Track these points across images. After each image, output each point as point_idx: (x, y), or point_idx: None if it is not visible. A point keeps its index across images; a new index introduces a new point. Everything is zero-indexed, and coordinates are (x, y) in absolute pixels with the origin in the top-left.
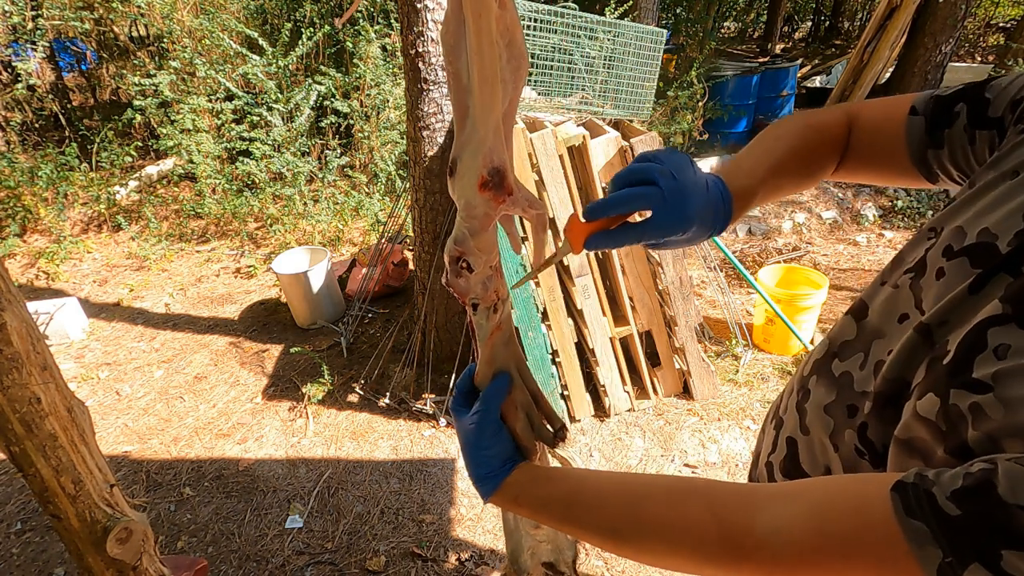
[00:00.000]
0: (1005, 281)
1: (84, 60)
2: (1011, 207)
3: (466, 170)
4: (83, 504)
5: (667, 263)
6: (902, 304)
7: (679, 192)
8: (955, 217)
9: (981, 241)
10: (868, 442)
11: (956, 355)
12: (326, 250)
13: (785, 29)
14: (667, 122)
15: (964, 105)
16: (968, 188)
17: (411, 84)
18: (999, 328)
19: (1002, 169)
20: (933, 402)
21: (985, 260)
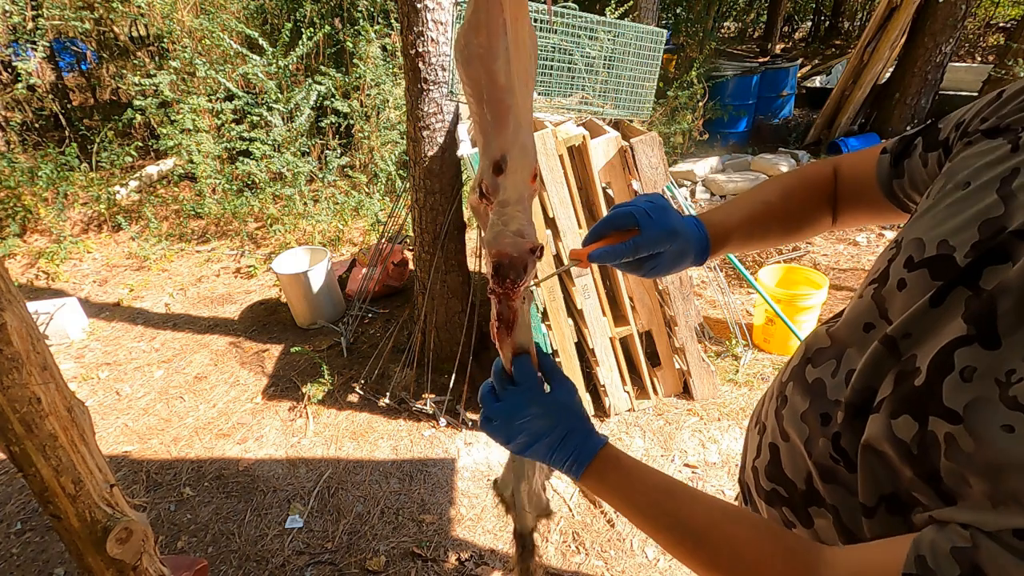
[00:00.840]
0: (964, 295)
1: (84, 60)
2: (965, 217)
3: (517, 167)
4: (83, 504)
5: None
6: (867, 314)
7: (659, 209)
8: (913, 228)
9: (940, 253)
10: (841, 450)
11: (928, 377)
12: (326, 250)
13: (785, 29)
14: (667, 122)
15: (920, 139)
16: (924, 199)
17: (411, 84)
18: (965, 349)
19: (955, 180)
20: (911, 425)
21: (944, 272)
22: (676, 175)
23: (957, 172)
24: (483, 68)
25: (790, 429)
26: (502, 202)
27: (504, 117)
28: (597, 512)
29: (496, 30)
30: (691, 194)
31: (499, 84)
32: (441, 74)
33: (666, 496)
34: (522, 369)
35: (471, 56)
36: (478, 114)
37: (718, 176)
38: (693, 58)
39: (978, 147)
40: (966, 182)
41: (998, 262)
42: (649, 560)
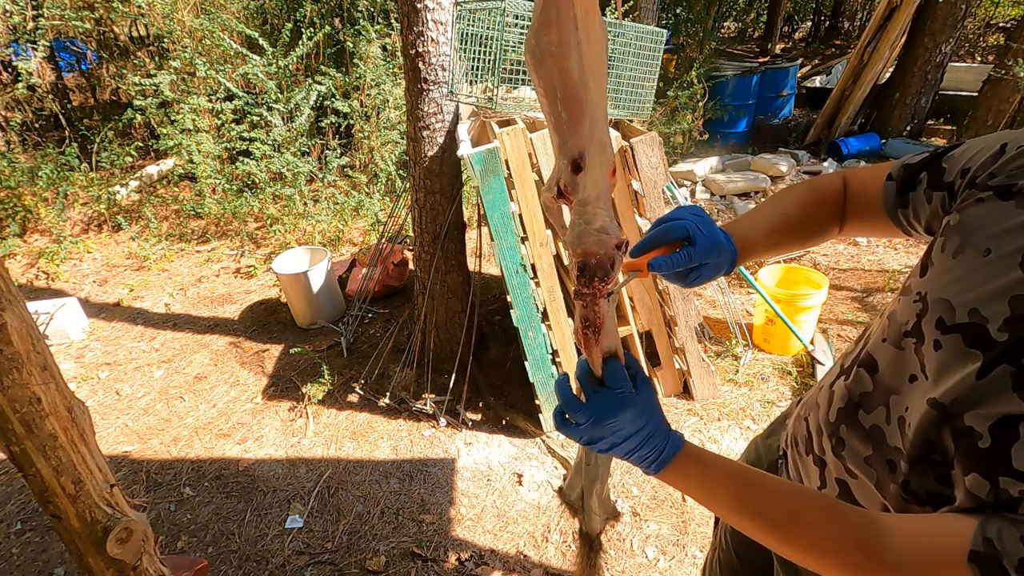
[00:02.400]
0: (1008, 371)
1: (84, 60)
2: (991, 289)
3: (595, 163)
4: (83, 504)
5: None
6: (909, 366)
7: (707, 224)
8: (937, 285)
9: (973, 322)
10: (912, 492)
11: (993, 442)
12: (326, 250)
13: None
14: (667, 122)
15: (926, 174)
16: (940, 251)
17: (411, 84)
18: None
19: (972, 242)
20: (981, 483)
21: (978, 341)
22: (676, 175)
23: (974, 231)
24: (556, 65)
25: (857, 470)
26: (582, 200)
27: (580, 114)
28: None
29: (567, 26)
30: (691, 194)
31: (573, 80)
32: (441, 74)
33: (744, 489)
34: (615, 373)
35: (543, 54)
36: (552, 113)
37: (718, 176)
38: (693, 58)
39: (991, 206)
40: (987, 249)
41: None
42: (649, 560)
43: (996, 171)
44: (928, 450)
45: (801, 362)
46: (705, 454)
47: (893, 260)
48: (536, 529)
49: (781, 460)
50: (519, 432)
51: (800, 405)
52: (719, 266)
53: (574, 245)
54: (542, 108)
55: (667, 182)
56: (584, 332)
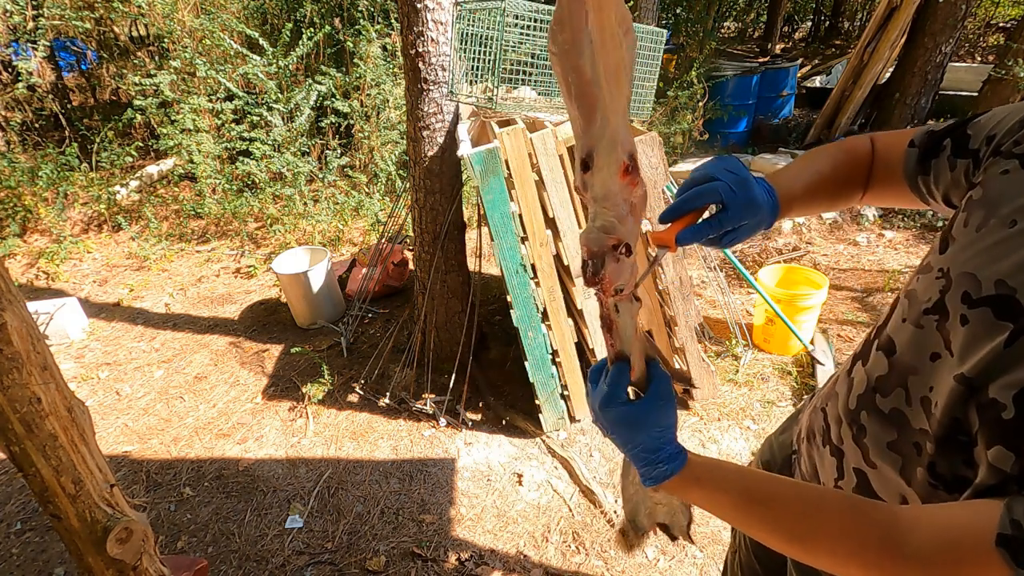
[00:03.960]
0: None
1: (84, 60)
2: (1019, 259)
3: (604, 162)
4: (83, 504)
5: (667, 263)
6: (932, 344)
7: (741, 183)
8: (961, 261)
9: (1000, 293)
10: (939, 476)
11: (1017, 412)
12: (326, 250)
13: (785, 29)
14: (667, 122)
15: (950, 140)
16: (963, 226)
17: (411, 84)
18: None
19: (998, 214)
20: (1006, 456)
21: (1008, 313)
22: (676, 175)
23: (998, 204)
24: (569, 64)
25: (879, 458)
26: (592, 199)
27: (592, 111)
28: (597, 512)
29: (579, 24)
30: None
31: (586, 79)
32: (441, 74)
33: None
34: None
35: (559, 53)
36: (570, 112)
37: None
38: (693, 58)
39: (1016, 177)
40: (1012, 220)
41: None
42: (649, 560)
43: (1021, 138)
44: (955, 429)
45: (801, 362)
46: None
47: (893, 260)
48: (536, 529)
49: (794, 455)
50: (519, 432)
51: (816, 397)
52: (757, 225)
53: (580, 241)
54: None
55: (667, 182)
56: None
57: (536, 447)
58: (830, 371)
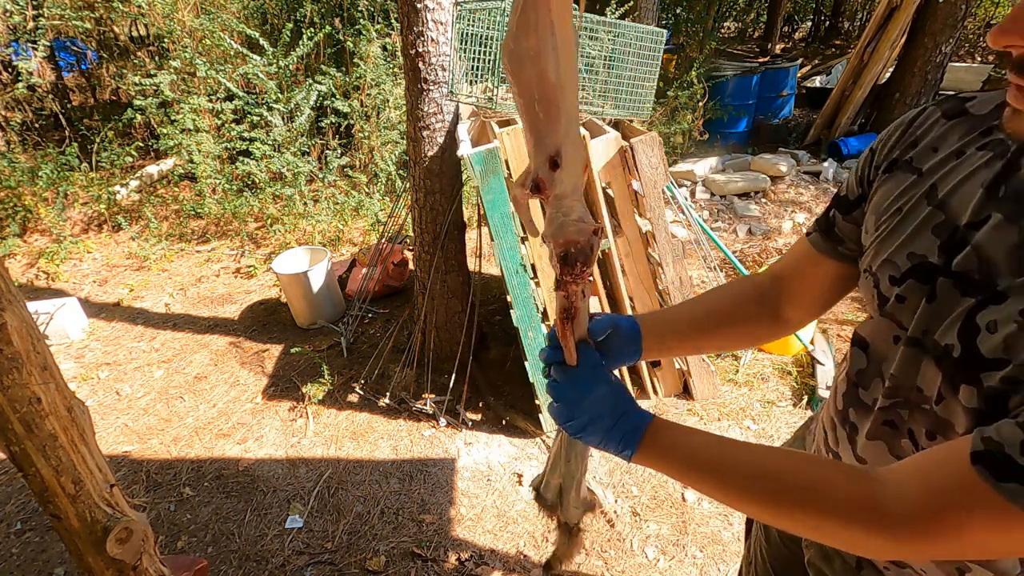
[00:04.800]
0: (947, 283)
1: (84, 60)
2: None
3: (571, 160)
4: (83, 504)
5: (667, 263)
6: (890, 328)
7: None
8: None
9: (915, 263)
10: (917, 445)
11: (963, 347)
12: (326, 250)
13: (785, 29)
14: (667, 122)
15: (834, 210)
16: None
17: (411, 84)
18: (982, 312)
19: (886, 212)
20: (970, 392)
21: (926, 274)
22: (676, 175)
23: (883, 205)
24: (534, 69)
25: (864, 452)
26: (559, 195)
27: (556, 114)
28: (597, 512)
29: (545, 32)
30: (691, 194)
31: (550, 83)
32: (441, 74)
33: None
34: (588, 355)
35: (522, 58)
36: (528, 113)
37: (718, 176)
38: (693, 58)
39: (889, 184)
40: (898, 208)
41: (960, 250)
42: (649, 560)
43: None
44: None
45: (801, 362)
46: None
47: None
48: (536, 529)
49: None
50: (519, 432)
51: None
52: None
53: (556, 236)
54: (518, 108)
55: (667, 182)
56: (563, 322)
57: (536, 447)
58: (830, 371)
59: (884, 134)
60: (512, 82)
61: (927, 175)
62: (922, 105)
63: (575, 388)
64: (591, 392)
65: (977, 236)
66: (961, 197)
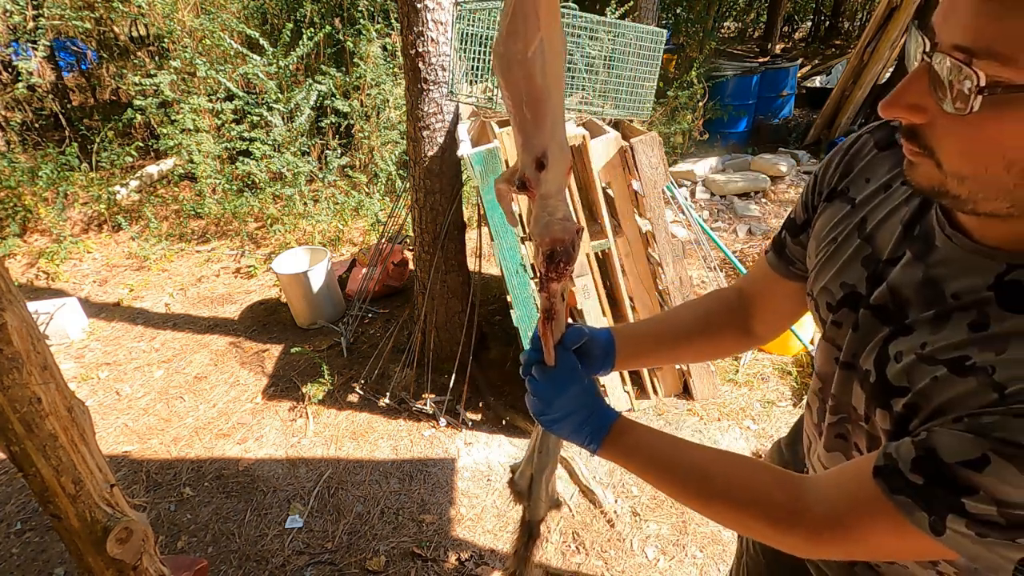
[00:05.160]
0: (868, 314)
1: (84, 60)
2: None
3: (556, 161)
4: (83, 504)
5: (667, 263)
6: (830, 352)
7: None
8: (816, 282)
9: (847, 293)
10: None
11: (876, 373)
12: (326, 250)
13: (785, 29)
14: (667, 122)
15: (785, 231)
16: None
17: (411, 84)
18: (893, 342)
19: (825, 239)
20: (884, 416)
21: (855, 303)
22: (676, 175)
23: (821, 232)
24: (522, 72)
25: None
26: (544, 195)
27: (543, 116)
28: (597, 512)
29: (532, 37)
30: (691, 194)
31: (537, 86)
32: (441, 74)
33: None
34: (565, 358)
35: (511, 61)
36: (517, 116)
37: (718, 176)
38: (693, 58)
39: (828, 213)
40: (833, 237)
41: (879, 284)
42: (649, 560)
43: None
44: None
45: (801, 362)
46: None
47: None
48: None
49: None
50: (519, 432)
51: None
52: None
53: (542, 235)
54: (507, 108)
55: (667, 182)
56: (544, 323)
57: None
58: None
59: (825, 161)
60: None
61: (859, 206)
62: (858, 132)
63: (552, 386)
64: (566, 391)
65: (892, 273)
66: (884, 232)
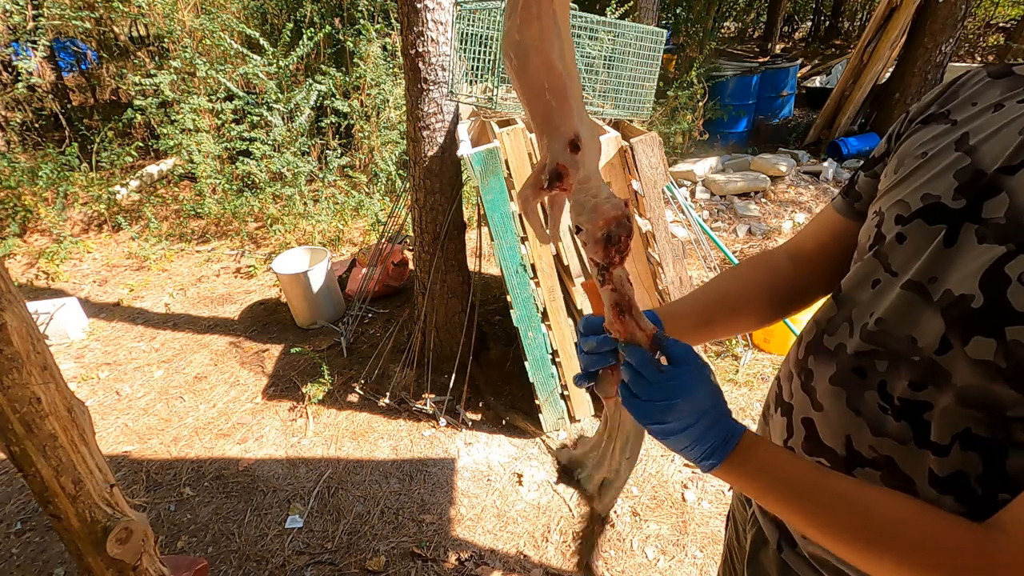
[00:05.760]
0: (972, 229)
1: (84, 60)
2: (936, 172)
3: (589, 140)
4: (83, 504)
5: (667, 263)
6: (871, 272)
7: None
8: (889, 198)
9: (927, 204)
10: (888, 396)
11: (987, 296)
12: (326, 250)
13: (785, 29)
14: (667, 122)
15: (859, 172)
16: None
17: (411, 84)
18: (1012, 262)
19: (911, 155)
20: (986, 344)
21: (938, 216)
22: (676, 175)
23: (909, 151)
24: (540, 58)
25: (824, 399)
26: (584, 178)
27: (567, 100)
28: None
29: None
30: (691, 194)
31: (558, 71)
32: (441, 74)
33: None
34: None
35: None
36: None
37: (718, 176)
38: (693, 58)
39: (919, 134)
40: (923, 152)
41: (992, 196)
42: (649, 560)
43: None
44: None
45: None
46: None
47: None
48: (536, 529)
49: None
50: (519, 432)
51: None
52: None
53: (594, 219)
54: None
55: (667, 182)
56: (620, 318)
57: (536, 447)
58: None
59: (925, 96)
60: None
61: (960, 124)
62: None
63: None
64: (693, 394)
65: (1013, 180)
66: (994, 144)
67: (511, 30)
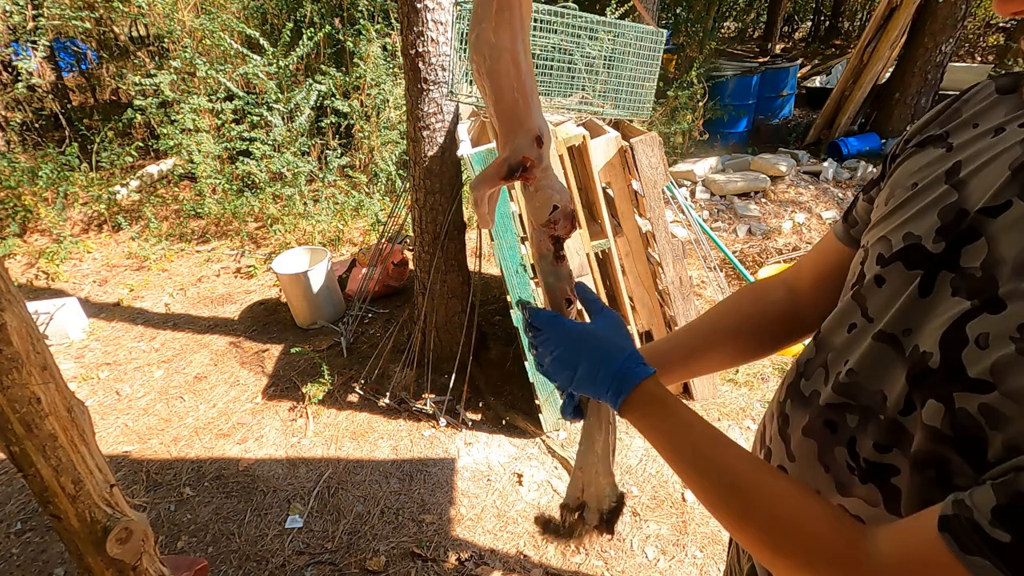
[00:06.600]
0: (948, 278)
1: (84, 60)
2: (921, 208)
3: (548, 137)
4: (83, 504)
5: (667, 263)
6: (849, 315)
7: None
8: (875, 232)
9: (908, 244)
10: (856, 455)
11: (944, 357)
12: (326, 250)
13: (785, 29)
14: (667, 122)
15: (860, 194)
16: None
17: (411, 84)
18: (974, 321)
19: (902, 186)
20: (937, 408)
21: (917, 261)
22: (676, 175)
23: (900, 180)
24: (511, 60)
25: (797, 450)
26: (546, 167)
27: (530, 98)
28: None
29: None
30: (691, 194)
31: (523, 71)
32: (441, 74)
33: (708, 442)
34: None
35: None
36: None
37: (718, 176)
38: (693, 58)
39: (913, 159)
40: (913, 183)
41: (971, 241)
42: (649, 560)
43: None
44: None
45: None
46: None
47: None
48: (536, 529)
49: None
50: (519, 432)
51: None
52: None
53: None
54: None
55: (667, 182)
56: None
57: (536, 447)
58: None
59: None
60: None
61: (956, 151)
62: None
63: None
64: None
65: (993, 225)
66: (983, 178)
67: (486, 32)
